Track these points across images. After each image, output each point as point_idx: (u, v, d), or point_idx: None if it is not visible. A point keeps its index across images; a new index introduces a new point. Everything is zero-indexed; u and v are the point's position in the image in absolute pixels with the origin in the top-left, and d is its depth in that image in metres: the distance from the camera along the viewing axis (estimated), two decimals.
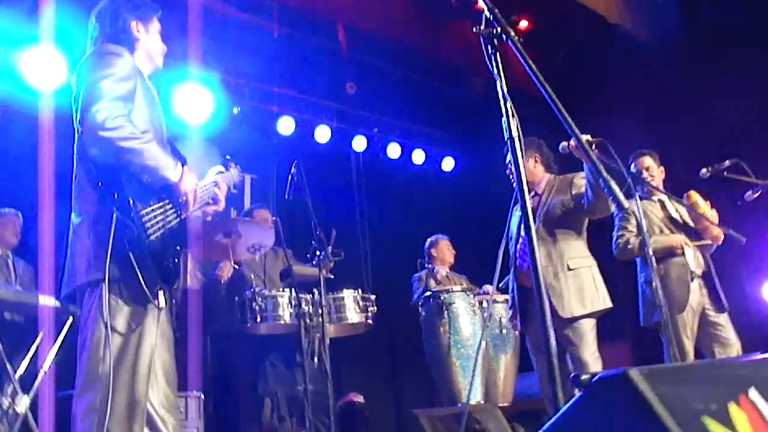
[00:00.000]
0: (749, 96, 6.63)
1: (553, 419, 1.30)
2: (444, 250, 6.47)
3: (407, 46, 7.88)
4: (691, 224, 4.76)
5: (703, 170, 4.77)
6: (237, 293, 5.08)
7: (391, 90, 7.85)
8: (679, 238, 4.62)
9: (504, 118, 2.13)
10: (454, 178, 8.88)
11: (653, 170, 4.88)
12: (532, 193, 4.46)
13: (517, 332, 5.42)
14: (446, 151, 8.88)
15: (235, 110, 7.23)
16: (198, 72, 6.56)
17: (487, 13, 2.22)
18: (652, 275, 3.94)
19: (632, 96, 7.74)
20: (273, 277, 5.38)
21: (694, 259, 4.63)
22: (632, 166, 4.93)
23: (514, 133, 2.11)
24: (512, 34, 2.18)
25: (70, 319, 4.68)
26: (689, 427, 1.09)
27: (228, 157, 3.32)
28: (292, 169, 4.34)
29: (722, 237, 4.66)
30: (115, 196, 2.52)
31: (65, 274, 2.66)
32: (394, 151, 8.34)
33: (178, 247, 2.71)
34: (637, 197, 4.04)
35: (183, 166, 2.74)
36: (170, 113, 6.50)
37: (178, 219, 2.72)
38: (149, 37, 2.93)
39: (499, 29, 2.18)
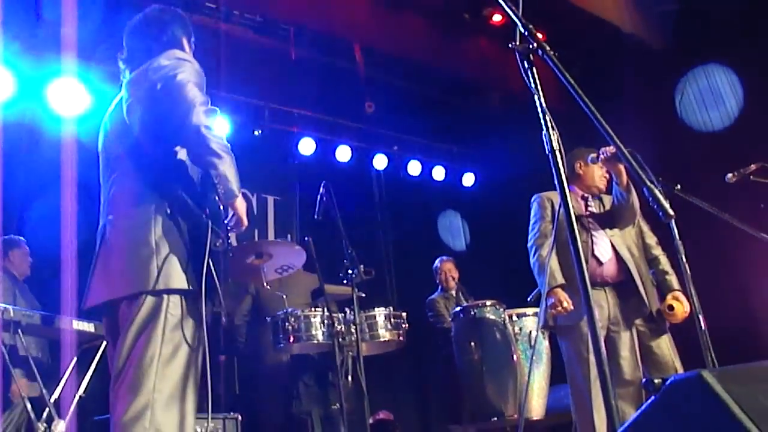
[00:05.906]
0: (760, 96, 6.66)
1: (626, 424, 1.32)
2: (446, 273, 6.61)
3: (423, 63, 7.91)
4: None
5: (729, 175, 4.74)
6: (262, 316, 5.14)
7: (409, 107, 7.89)
8: None
9: (544, 132, 2.14)
10: (474, 193, 8.91)
11: None
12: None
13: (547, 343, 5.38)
14: (466, 167, 8.92)
15: (256, 133, 7.31)
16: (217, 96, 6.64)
17: (521, 28, 2.25)
18: None
19: (647, 104, 7.75)
20: (300, 295, 5.38)
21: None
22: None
23: (555, 146, 2.13)
24: (547, 48, 2.21)
25: (104, 343, 4.70)
26: (766, 424, 1.11)
27: None
28: (321, 189, 4.38)
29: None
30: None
31: (99, 277, 2.46)
32: (414, 168, 8.41)
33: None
34: None
35: None
36: None
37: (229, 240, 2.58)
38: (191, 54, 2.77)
39: (534, 44, 2.21)
